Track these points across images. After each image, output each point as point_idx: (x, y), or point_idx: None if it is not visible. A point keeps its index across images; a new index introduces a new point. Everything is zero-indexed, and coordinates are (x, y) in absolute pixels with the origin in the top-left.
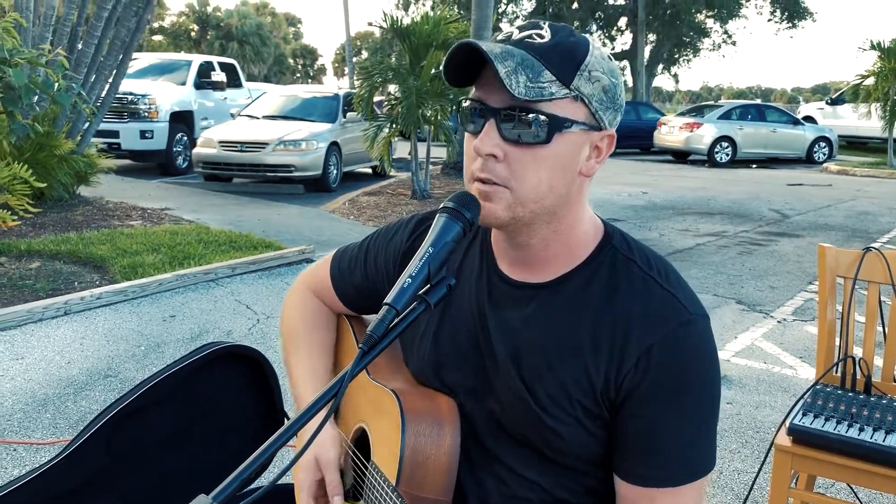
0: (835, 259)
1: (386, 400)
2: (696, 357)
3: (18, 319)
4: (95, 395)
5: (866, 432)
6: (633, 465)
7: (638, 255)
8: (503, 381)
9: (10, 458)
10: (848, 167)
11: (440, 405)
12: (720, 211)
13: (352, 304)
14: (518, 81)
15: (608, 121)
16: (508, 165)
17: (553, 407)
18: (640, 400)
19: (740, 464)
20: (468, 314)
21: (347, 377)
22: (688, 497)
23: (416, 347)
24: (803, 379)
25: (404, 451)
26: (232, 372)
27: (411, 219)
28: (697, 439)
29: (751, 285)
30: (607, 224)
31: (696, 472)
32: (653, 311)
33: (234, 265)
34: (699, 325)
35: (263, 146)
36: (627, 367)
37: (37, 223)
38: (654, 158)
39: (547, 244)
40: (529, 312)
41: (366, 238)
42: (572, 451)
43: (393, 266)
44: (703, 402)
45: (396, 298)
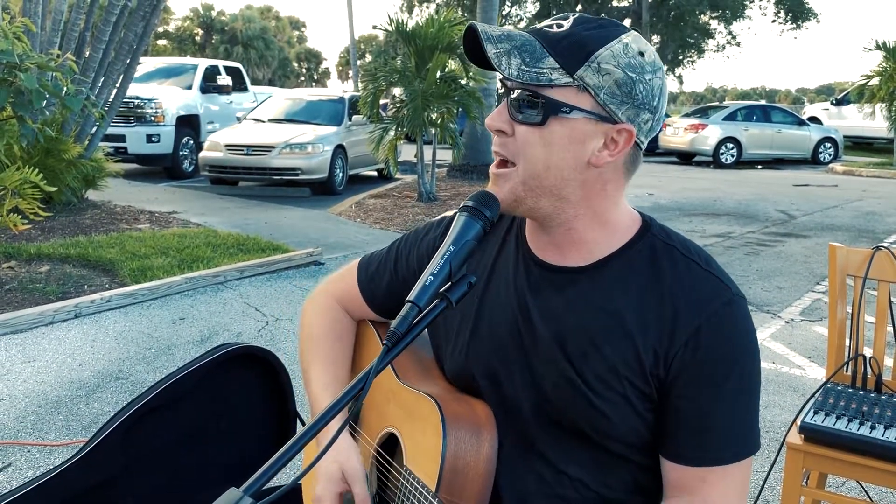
0: (845, 258)
1: (423, 405)
2: (741, 336)
3: (29, 322)
4: (107, 396)
5: (878, 430)
6: (683, 446)
7: (677, 241)
8: (549, 366)
9: (24, 460)
10: (854, 167)
11: (478, 411)
12: (726, 212)
13: (380, 308)
14: (510, 63)
15: (625, 115)
16: (515, 141)
17: (602, 388)
18: (689, 380)
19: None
20: (507, 304)
21: (372, 373)
22: (736, 475)
23: (453, 345)
24: (812, 379)
25: (445, 458)
26: (245, 373)
27: (443, 219)
28: (745, 418)
29: (758, 286)
30: (645, 215)
31: (745, 451)
32: (698, 292)
33: (242, 268)
34: (742, 305)
35: (269, 149)
36: (677, 346)
37: (46, 227)
38: (659, 160)
39: (569, 228)
40: (572, 295)
41: (393, 242)
42: (620, 435)
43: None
44: (749, 381)
45: (419, 296)
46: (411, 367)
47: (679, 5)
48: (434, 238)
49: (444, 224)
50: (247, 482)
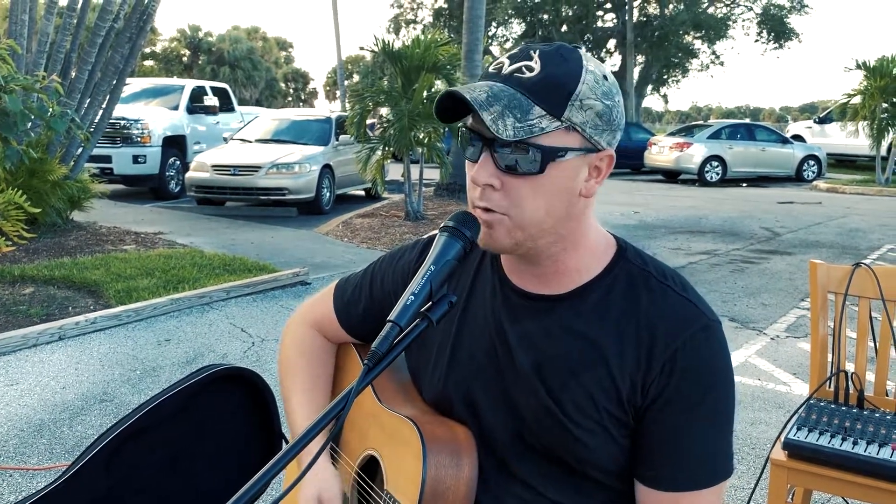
0: (826, 275)
1: (403, 428)
2: (717, 361)
3: (13, 345)
4: (91, 419)
5: (860, 445)
6: (658, 470)
7: (653, 267)
8: (527, 395)
9: (6, 484)
10: (837, 185)
11: (458, 434)
12: (712, 229)
13: (356, 331)
14: (506, 125)
15: (606, 142)
16: (506, 194)
17: (580, 416)
18: (664, 405)
19: (736, 480)
20: (485, 331)
21: (353, 394)
22: (710, 499)
23: (431, 370)
24: (797, 395)
25: (426, 481)
26: (230, 394)
27: (418, 241)
28: (719, 442)
29: (743, 303)
30: (619, 239)
31: (719, 475)
32: (675, 317)
33: (228, 288)
34: (717, 330)
35: (256, 170)
36: (654, 372)
37: (30, 249)
38: (644, 178)
39: (555, 260)
40: (550, 323)
41: (369, 266)
42: (598, 463)
43: (402, 286)
44: (723, 405)
45: (400, 315)
46: (391, 389)
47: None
48: (410, 261)
49: (420, 246)
50: (229, 501)
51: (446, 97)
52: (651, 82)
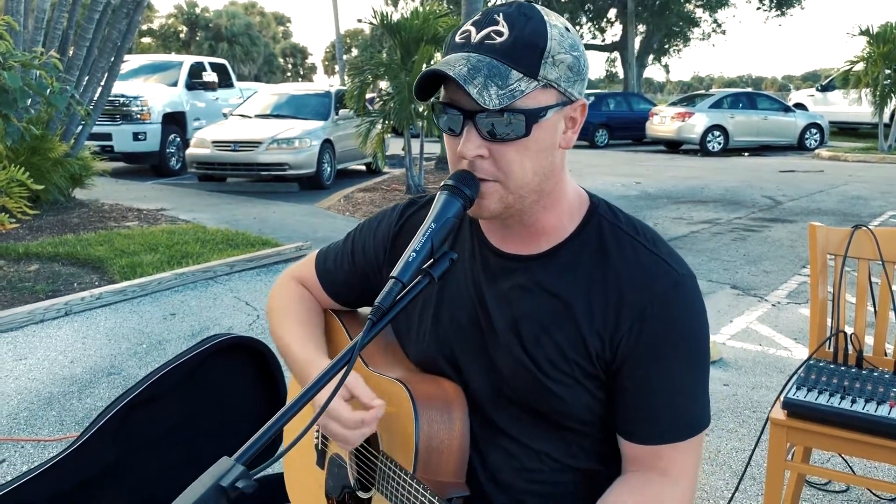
0: (825, 237)
1: (392, 390)
2: (687, 316)
3: (20, 321)
4: (100, 392)
5: (858, 403)
6: (636, 426)
7: (624, 222)
8: (504, 352)
9: (18, 455)
10: (839, 153)
11: (447, 390)
12: (713, 199)
13: (340, 296)
14: (490, 95)
15: (577, 92)
16: (494, 161)
17: (554, 371)
18: (636, 361)
19: (737, 442)
20: (465, 292)
21: (358, 346)
22: (690, 451)
23: (415, 333)
24: (798, 360)
25: (419, 439)
26: (236, 363)
27: (396, 205)
28: (695, 394)
29: (745, 270)
30: (592, 195)
31: (696, 427)
32: (643, 274)
33: (231, 263)
34: (688, 285)
35: (257, 145)
36: (622, 330)
37: (34, 226)
38: (646, 149)
39: (537, 219)
40: (525, 282)
41: (349, 233)
42: (576, 414)
43: (383, 252)
44: (696, 359)
45: (402, 272)
46: (378, 354)
47: None
48: (391, 224)
49: (399, 210)
50: (238, 451)
51: (426, 76)
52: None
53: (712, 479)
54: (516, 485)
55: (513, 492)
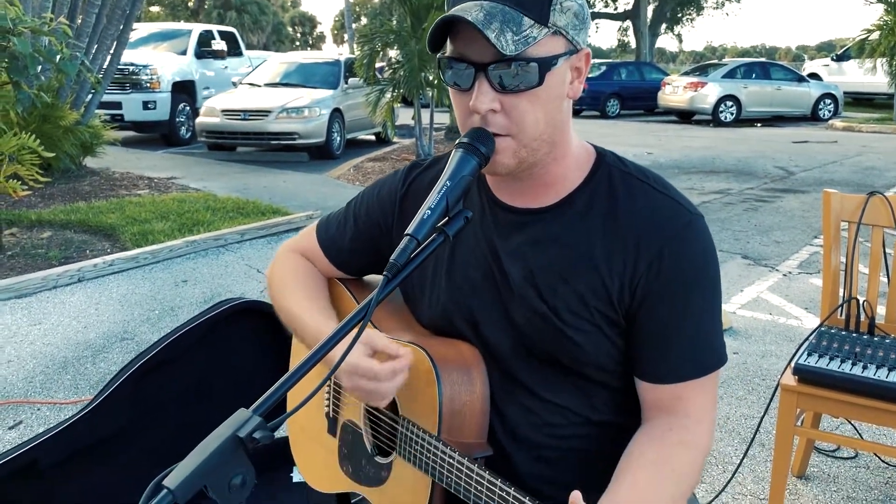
0: (840, 204)
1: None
2: (702, 254)
3: (34, 287)
4: (113, 356)
5: (869, 370)
6: (654, 366)
7: (633, 168)
8: (522, 305)
9: (34, 417)
10: (853, 123)
11: (463, 352)
12: (725, 169)
13: (343, 264)
14: (507, 40)
15: (582, 41)
16: (507, 114)
17: (573, 319)
18: (655, 301)
19: (746, 409)
20: (478, 250)
21: (374, 301)
22: (708, 387)
23: (428, 295)
24: (808, 329)
25: (443, 402)
26: (248, 327)
27: (397, 171)
28: (711, 332)
29: (756, 240)
30: (597, 146)
31: (714, 364)
32: (657, 216)
33: (242, 231)
34: (700, 224)
35: (266, 114)
36: (640, 271)
37: (45, 194)
38: (658, 119)
39: (546, 171)
40: (539, 235)
41: (349, 202)
42: (595, 362)
43: (392, 216)
44: (711, 296)
45: (417, 229)
46: (389, 320)
47: None
48: (395, 189)
49: (401, 175)
50: (255, 403)
51: (440, 26)
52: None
53: (721, 446)
54: (535, 440)
55: (532, 447)
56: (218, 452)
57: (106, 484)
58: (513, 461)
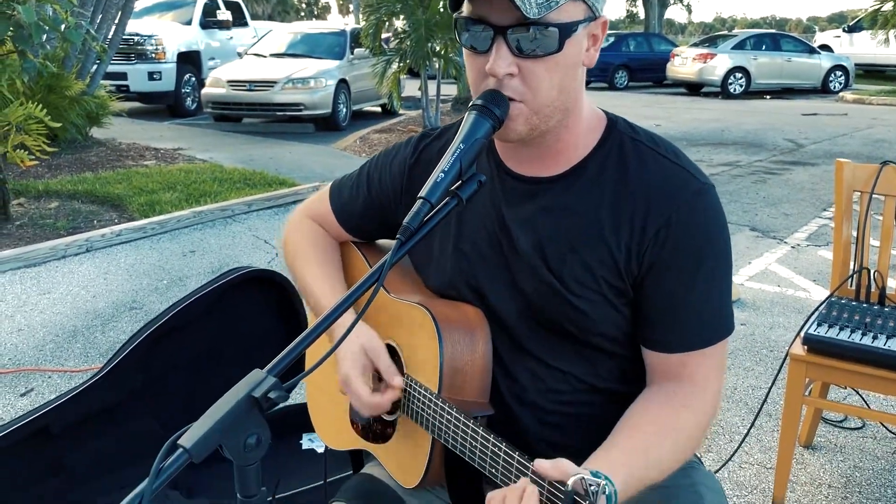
0: (852, 173)
1: (415, 314)
2: (711, 223)
3: (42, 256)
4: (122, 325)
5: (880, 340)
6: (662, 334)
7: (643, 135)
8: (529, 274)
9: (46, 385)
10: (864, 96)
11: (468, 313)
12: (734, 141)
13: (355, 230)
14: (530, 2)
15: (601, 7)
16: (523, 79)
17: (580, 289)
18: (662, 270)
19: (754, 380)
20: (486, 218)
21: (387, 264)
22: (715, 355)
23: (436, 262)
24: (816, 301)
25: (443, 360)
26: (258, 294)
27: (410, 138)
28: (720, 301)
29: (765, 213)
30: (608, 112)
31: (721, 333)
32: (667, 184)
33: (249, 202)
34: (711, 193)
35: (272, 85)
36: (648, 240)
37: (52, 164)
38: (666, 91)
39: (557, 139)
40: (548, 203)
41: (363, 165)
42: (601, 331)
43: (400, 185)
44: (721, 266)
45: (431, 192)
46: (398, 282)
47: None
48: (405, 157)
49: (413, 143)
50: (270, 364)
51: None
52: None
53: (728, 416)
54: (541, 405)
55: (538, 411)
56: (233, 412)
57: (117, 449)
58: (520, 424)
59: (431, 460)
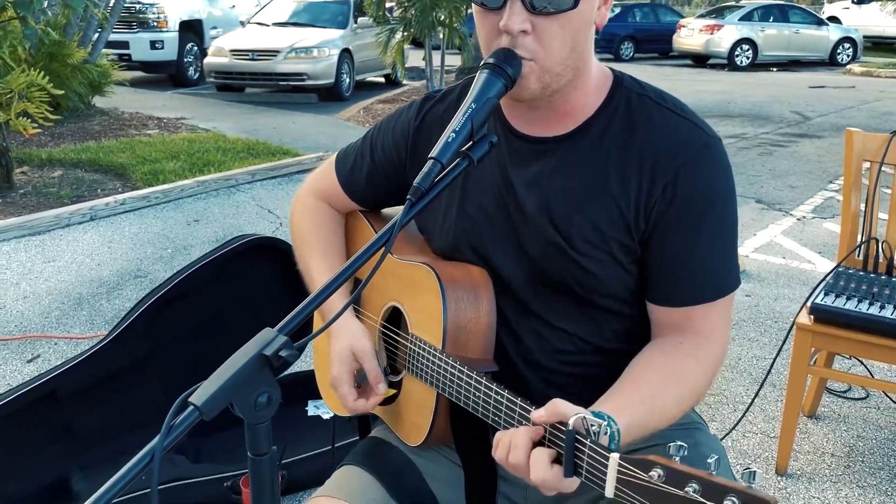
0: (862, 143)
1: (419, 274)
2: (718, 176)
3: (46, 224)
4: (127, 293)
5: (887, 310)
6: (668, 289)
7: (650, 90)
8: (536, 235)
9: (52, 352)
10: (872, 68)
11: (472, 272)
12: (740, 114)
13: (362, 198)
14: None
15: None
16: (536, 37)
17: (588, 248)
18: (669, 224)
19: (758, 351)
20: (491, 180)
21: (398, 225)
22: (721, 308)
23: (441, 225)
24: (821, 273)
25: (447, 317)
26: (263, 262)
27: (413, 102)
28: (726, 255)
29: (770, 185)
30: (615, 70)
31: (727, 288)
32: (674, 138)
33: (253, 171)
34: (718, 147)
35: (275, 54)
36: (656, 194)
37: (55, 133)
38: (673, 63)
39: (566, 98)
40: (555, 164)
41: (367, 133)
42: (608, 290)
43: (404, 147)
44: (727, 220)
45: (441, 152)
46: (404, 245)
47: None
48: (409, 121)
49: (416, 106)
50: (280, 323)
51: None
52: None
53: (732, 386)
54: (547, 365)
55: (543, 371)
56: (244, 370)
57: (121, 416)
58: (526, 384)
59: (436, 416)
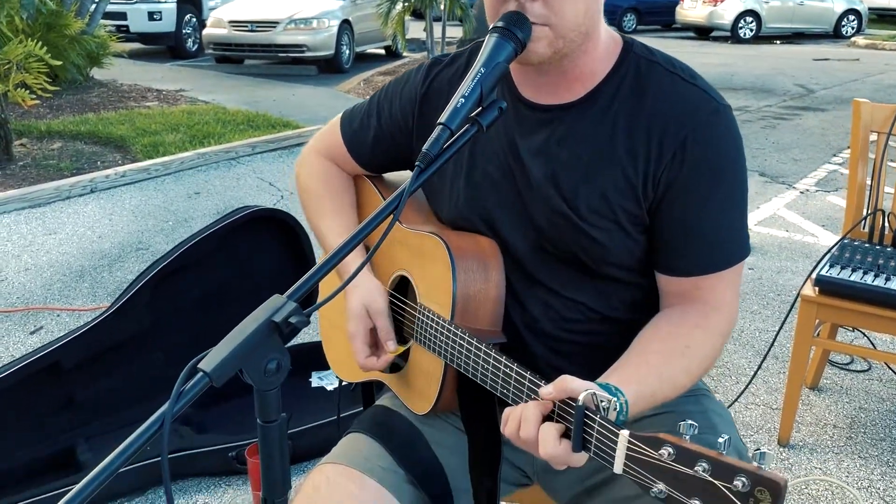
0: (870, 114)
1: (429, 244)
2: (727, 144)
3: (47, 197)
4: (129, 265)
5: (892, 281)
6: (677, 258)
7: (660, 57)
8: (542, 204)
9: (55, 323)
10: (877, 41)
11: (481, 242)
12: (743, 86)
13: (368, 163)
14: None
15: None
16: (546, 2)
17: (595, 217)
18: (678, 192)
19: (761, 323)
20: (498, 148)
21: (407, 192)
22: (730, 277)
23: (448, 193)
24: (824, 246)
25: (456, 287)
26: (265, 234)
27: (421, 65)
28: (735, 224)
29: (774, 158)
30: (624, 35)
31: (736, 257)
32: (683, 104)
33: (253, 144)
34: (727, 114)
35: (274, 25)
36: (665, 161)
37: (53, 105)
38: (675, 35)
39: (575, 64)
40: (563, 132)
41: (373, 95)
42: (615, 260)
43: (411, 113)
44: (736, 188)
45: (450, 118)
46: (412, 214)
47: None
48: (416, 86)
49: (423, 71)
50: (289, 290)
51: None
52: None
53: (735, 358)
54: (554, 334)
55: (550, 340)
56: (253, 337)
57: (124, 388)
58: (533, 353)
59: (444, 386)
